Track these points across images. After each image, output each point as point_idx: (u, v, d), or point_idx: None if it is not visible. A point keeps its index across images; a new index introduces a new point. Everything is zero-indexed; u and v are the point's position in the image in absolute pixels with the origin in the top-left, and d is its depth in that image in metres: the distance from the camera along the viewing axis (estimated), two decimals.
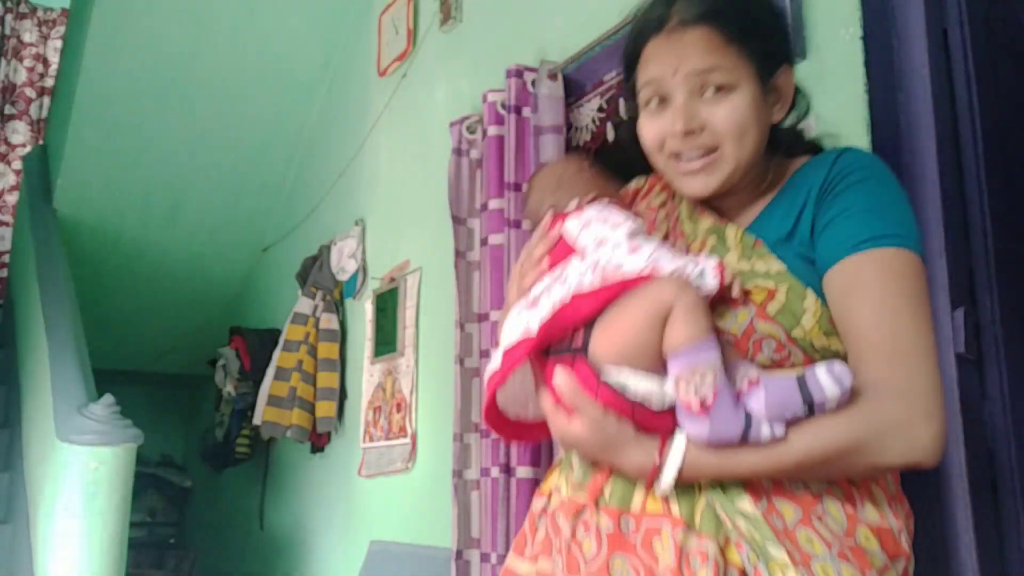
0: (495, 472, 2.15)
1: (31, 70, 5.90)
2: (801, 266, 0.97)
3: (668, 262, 0.95)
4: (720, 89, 0.99)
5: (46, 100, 5.86)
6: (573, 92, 2.32)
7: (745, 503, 0.91)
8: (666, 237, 1.08)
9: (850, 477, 0.93)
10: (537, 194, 1.17)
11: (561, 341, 0.97)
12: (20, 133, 5.81)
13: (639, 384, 0.91)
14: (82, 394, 2.97)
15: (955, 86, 1.51)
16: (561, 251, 1.04)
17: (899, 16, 1.53)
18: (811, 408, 0.86)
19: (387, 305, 3.26)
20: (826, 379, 0.86)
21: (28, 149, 5.57)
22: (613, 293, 0.94)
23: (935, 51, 1.50)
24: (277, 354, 3.73)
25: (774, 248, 0.99)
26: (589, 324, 0.94)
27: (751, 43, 1.00)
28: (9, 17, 5.90)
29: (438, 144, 2.94)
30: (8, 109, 5.82)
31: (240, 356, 4.21)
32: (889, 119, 1.51)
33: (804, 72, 1.66)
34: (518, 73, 2.35)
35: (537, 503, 1.09)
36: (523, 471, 2.08)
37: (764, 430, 0.86)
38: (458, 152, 2.61)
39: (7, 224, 5.65)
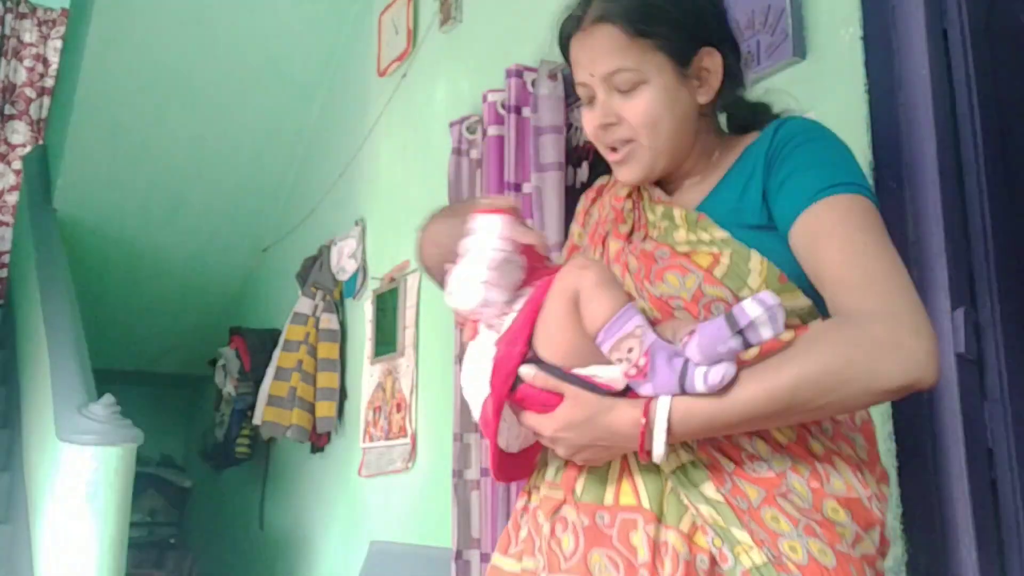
0: None
1: (31, 70, 5.90)
2: (746, 233, 1.00)
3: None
4: (630, 84, 1.05)
5: (46, 100, 5.86)
6: (573, 92, 2.31)
7: (708, 488, 0.92)
8: (633, 228, 1.11)
9: (850, 408, 0.93)
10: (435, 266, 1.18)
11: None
12: (20, 133, 5.80)
13: (603, 372, 0.93)
14: (82, 394, 2.97)
15: (955, 86, 1.51)
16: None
17: (899, 16, 1.53)
18: (742, 335, 0.85)
19: (387, 305, 3.26)
20: (749, 304, 0.85)
21: (28, 149, 5.57)
22: (532, 312, 0.97)
23: (935, 51, 1.50)
24: (277, 354, 3.73)
25: (721, 220, 1.02)
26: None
27: (656, 35, 1.05)
28: (9, 17, 5.90)
29: (438, 144, 2.94)
30: (8, 109, 5.82)
31: (240, 356, 4.21)
32: (889, 119, 1.51)
33: (804, 72, 1.67)
34: (518, 73, 2.36)
35: (520, 501, 1.11)
36: None
37: (697, 380, 0.86)
38: (458, 152, 2.61)
39: (7, 224, 5.65)
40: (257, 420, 3.70)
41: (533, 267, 1.04)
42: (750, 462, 0.93)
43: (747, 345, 0.86)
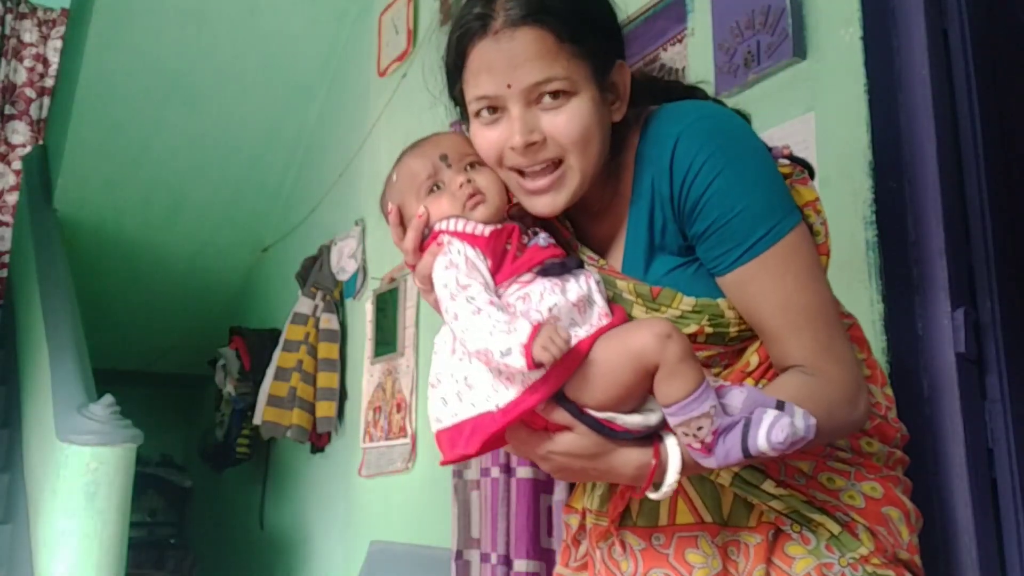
0: (495, 472, 2.15)
1: (31, 70, 5.90)
2: (692, 279, 0.95)
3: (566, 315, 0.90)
4: (558, 95, 0.92)
5: (46, 100, 5.86)
6: None
7: (769, 485, 0.94)
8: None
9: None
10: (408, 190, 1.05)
11: None
12: (20, 133, 5.80)
13: (625, 420, 0.90)
14: (82, 394, 2.97)
15: (955, 86, 1.51)
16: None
17: (899, 16, 1.53)
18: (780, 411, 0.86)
19: (387, 305, 3.26)
20: (795, 421, 0.85)
21: (28, 149, 5.57)
22: (573, 364, 0.88)
23: (935, 51, 1.50)
24: (277, 354, 3.73)
25: (657, 271, 0.96)
26: None
27: (585, 41, 0.92)
28: (9, 17, 5.90)
29: None
30: (8, 109, 5.81)
31: (240, 356, 4.21)
32: (889, 119, 1.51)
33: (804, 72, 1.67)
34: None
35: (572, 519, 1.13)
36: (523, 471, 2.08)
37: (761, 439, 0.84)
38: None
39: (7, 224, 5.64)
40: (257, 420, 3.70)
41: (499, 252, 0.95)
42: None
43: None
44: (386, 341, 3.24)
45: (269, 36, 4.01)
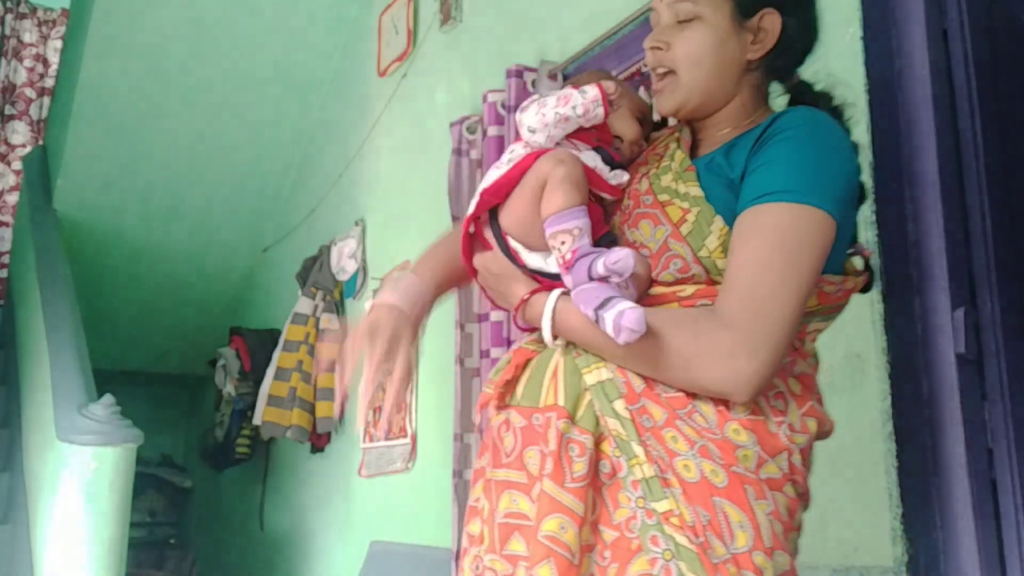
0: None
1: (31, 70, 5.90)
2: (721, 194, 1.04)
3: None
4: (690, 19, 1.10)
5: (46, 100, 5.86)
6: None
7: (619, 404, 0.98)
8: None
9: (674, 385, 0.98)
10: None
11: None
12: (20, 133, 5.80)
13: (527, 256, 1.07)
14: (82, 394, 2.97)
15: (955, 86, 1.51)
16: None
17: (899, 16, 1.53)
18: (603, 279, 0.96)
19: None
20: (602, 263, 0.95)
21: (28, 149, 5.57)
22: (518, 172, 1.07)
23: (935, 51, 1.50)
24: (277, 354, 3.73)
25: (709, 177, 1.06)
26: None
27: None
28: (9, 17, 5.90)
29: (438, 144, 2.94)
30: (8, 109, 5.81)
31: (240, 356, 4.21)
32: (889, 119, 1.51)
33: (804, 72, 1.67)
34: (518, 73, 2.36)
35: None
36: None
37: (608, 322, 0.93)
38: (458, 152, 2.61)
39: (7, 224, 5.65)
40: (257, 420, 3.70)
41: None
42: (663, 385, 0.99)
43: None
44: None
45: (269, 36, 4.01)
